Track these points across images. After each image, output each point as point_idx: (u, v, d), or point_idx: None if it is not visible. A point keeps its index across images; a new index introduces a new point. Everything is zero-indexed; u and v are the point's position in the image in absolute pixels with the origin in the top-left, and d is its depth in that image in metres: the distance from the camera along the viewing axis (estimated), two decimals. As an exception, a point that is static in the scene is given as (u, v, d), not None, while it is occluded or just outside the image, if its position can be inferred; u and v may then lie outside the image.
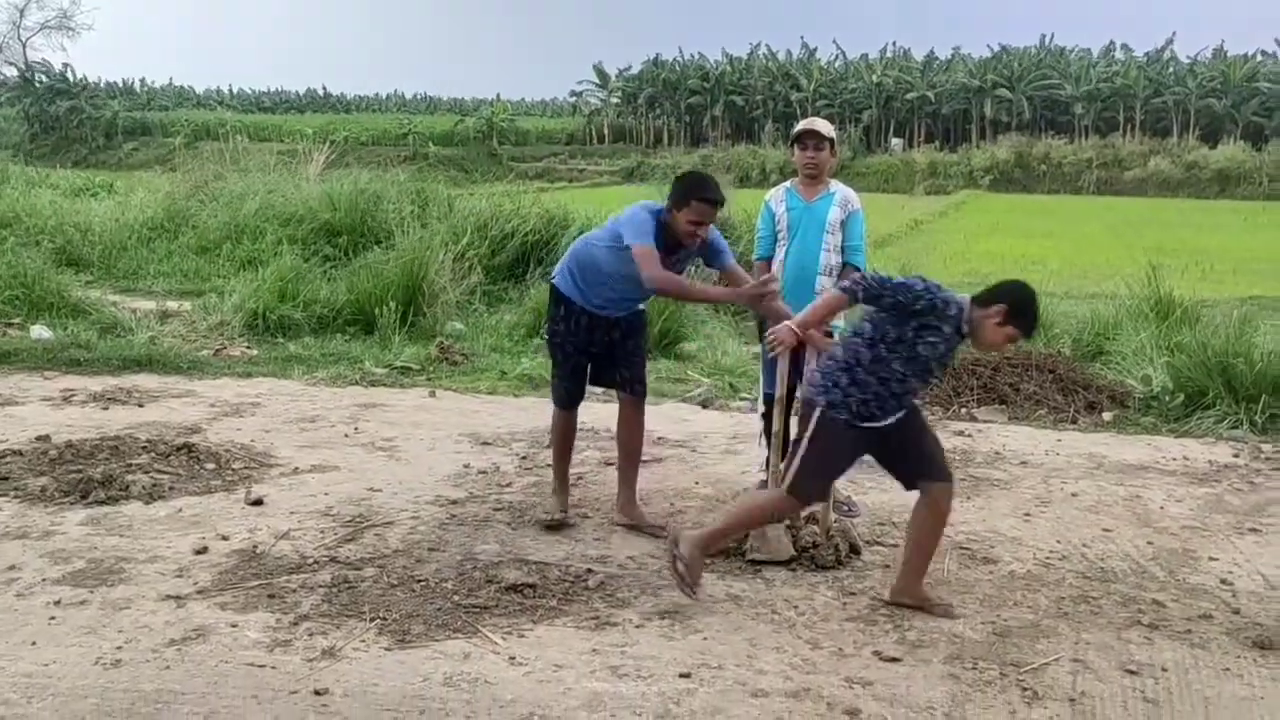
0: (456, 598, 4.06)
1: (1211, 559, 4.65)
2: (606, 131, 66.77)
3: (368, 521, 4.89)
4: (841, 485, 5.27)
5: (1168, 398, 7.07)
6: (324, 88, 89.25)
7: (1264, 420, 6.73)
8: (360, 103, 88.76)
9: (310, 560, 4.42)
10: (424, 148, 53.48)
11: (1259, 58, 59.23)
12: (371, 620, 3.86)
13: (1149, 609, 4.10)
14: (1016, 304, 3.89)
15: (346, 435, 6.37)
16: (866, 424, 3.95)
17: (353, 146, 51.30)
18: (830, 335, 4.92)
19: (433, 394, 7.46)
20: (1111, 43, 64.69)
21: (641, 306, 4.90)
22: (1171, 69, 58.88)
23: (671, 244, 4.60)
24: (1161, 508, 5.31)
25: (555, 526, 4.79)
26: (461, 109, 75.34)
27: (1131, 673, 3.60)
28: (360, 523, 4.87)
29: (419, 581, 4.21)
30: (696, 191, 4.52)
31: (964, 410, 7.19)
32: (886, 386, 3.92)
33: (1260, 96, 55.24)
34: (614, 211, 5.09)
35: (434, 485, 5.43)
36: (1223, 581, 4.40)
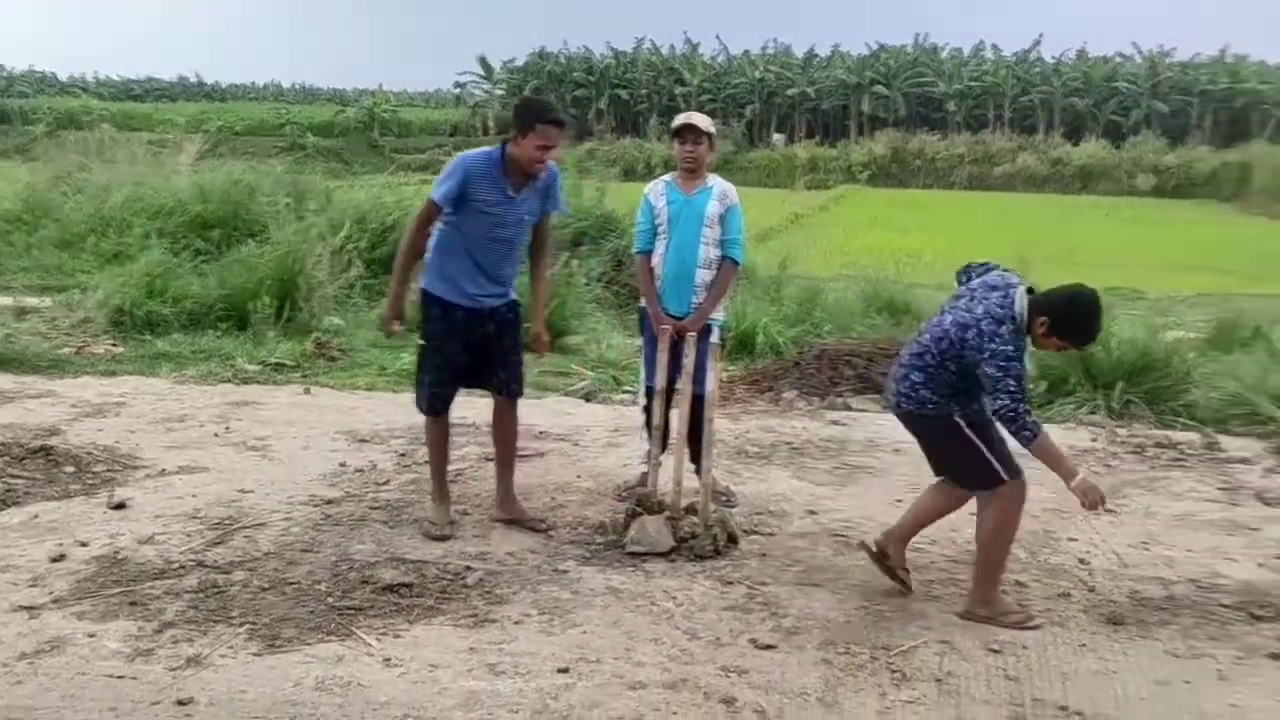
0: (330, 600, 3.98)
1: (1070, 540, 4.86)
2: (491, 123, 66.03)
3: (238, 524, 4.74)
4: (720, 476, 5.35)
5: (1031, 385, 7.34)
6: (197, 76, 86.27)
7: (1120, 406, 7.06)
8: (235, 91, 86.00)
9: (176, 565, 4.27)
10: (302, 138, 52.04)
11: (1118, 59, 62.02)
12: (240, 625, 3.75)
13: (1012, 589, 4.26)
14: (1057, 318, 3.81)
15: (216, 435, 6.17)
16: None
17: (227, 136, 49.55)
18: (709, 330, 4.98)
19: (308, 391, 7.28)
20: (981, 42, 66.88)
21: (514, 296, 4.82)
22: (1038, 69, 61.14)
23: (518, 180, 4.47)
24: (1025, 491, 5.51)
25: (442, 539, 4.63)
26: (342, 99, 73.64)
27: (995, 651, 3.74)
28: (230, 525, 4.72)
29: (291, 584, 4.11)
30: (541, 113, 4.42)
31: (840, 400, 7.35)
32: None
33: (1119, 96, 57.85)
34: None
35: (308, 485, 5.30)
36: (1080, 561, 4.60)
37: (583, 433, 6.46)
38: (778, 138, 58.63)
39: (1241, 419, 6.97)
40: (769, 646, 3.72)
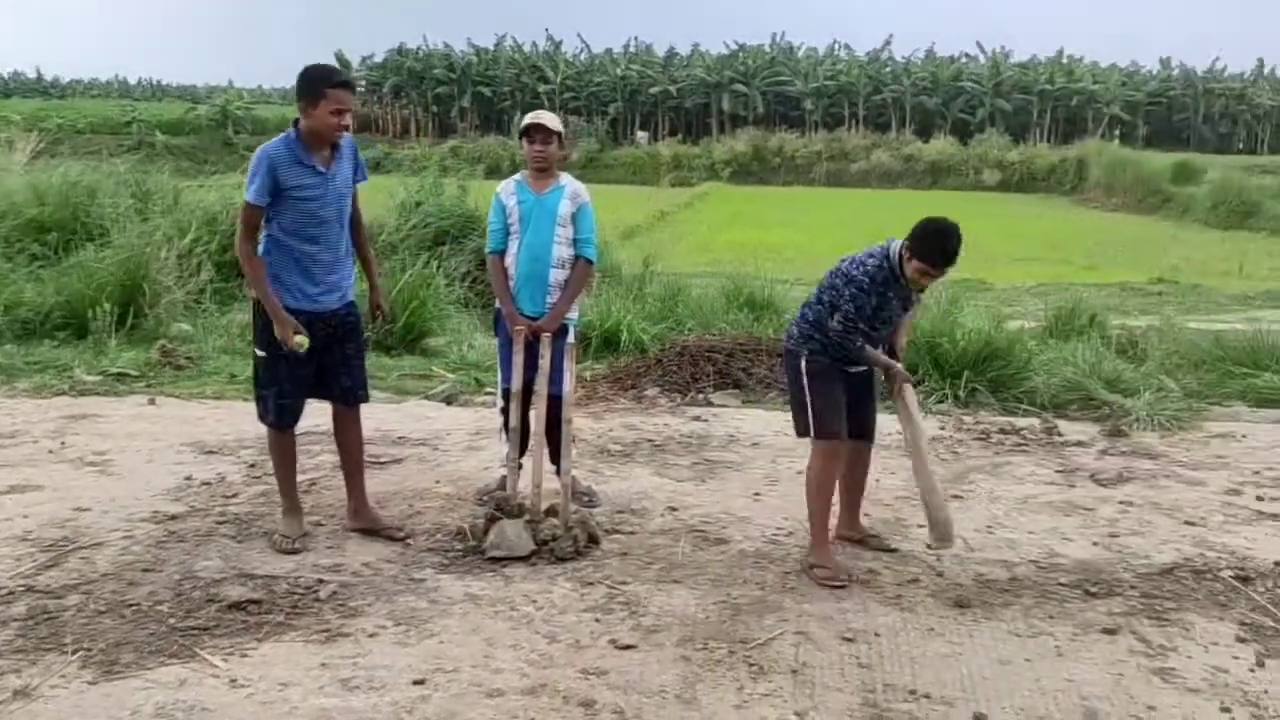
0: (172, 621, 3.81)
1: (920, 526, 5.00)
2: (351, 121, 64.61)
3: (73, 544, 4.50)
4: (582, 475, 5.34)
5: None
6: (37, 71, 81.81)
7: (966, 394, 7.34)
8: (78, 88, 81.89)
9: (4, 591, 4.02)
10: (150, 137, 49.90)
11: (964, 59, 64.54)
12: (74, 653, 3.56)
13: (864, 577, 4.37)
14: (914, 239, 4.17)
15: (51, 451, 5.84)
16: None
17: (68, 135, 47.11)
18: (565, 330, 4.96)
19: (153, 401, 6.97)
20: (836, 42, 68.70)
21: (352, 297, 4.66)
22: (889, 68, 63.13)
23: (324, 155, 4.33)
24: (877, 480, 5.65)
25: (294, 552, 4.48)
26: (193, 96, 70.92)
27: (848, 640, 3.83)
28: (64, 546, 4.47)
29: (130, 606, 3.92)
30: (330, 77, 4.30)
31: (700, 395, 7.43)
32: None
33: (965, 95, 60.21)
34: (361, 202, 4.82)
35: (151, 500, 5.07)
36: (928, 547, 4.74)
37: (443, 437, 6.36)
38: (642, 135, 59.00)
39: (1078, 403, 7.33)
40: (629, 646, 3.72)
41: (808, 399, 4.40)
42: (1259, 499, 5.54)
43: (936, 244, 4.17)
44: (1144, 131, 60.90)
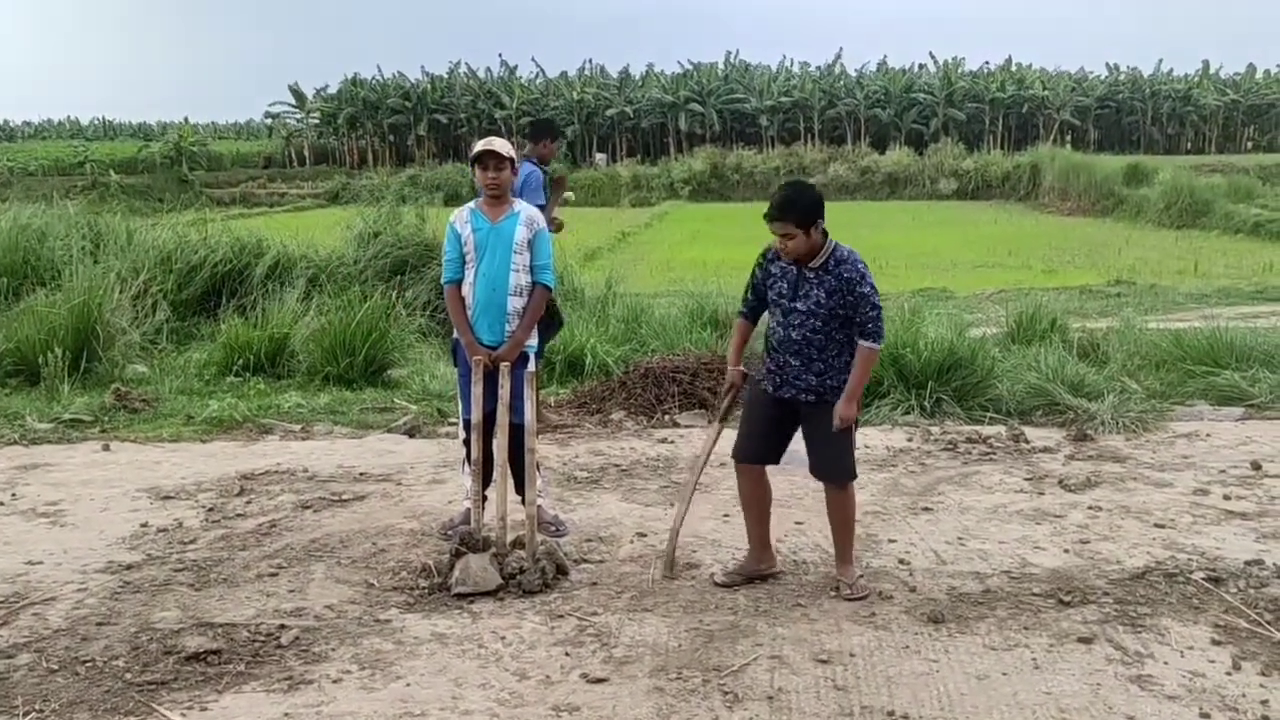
0: (129, 676, 3.68)
1: (890, 540, 4.98)
2: (307, 153, 64.26)
3: (24, 600, 4.35)
4: (549, 504, 5.25)
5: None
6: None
7: (931, 405, 7.33)
8: (28, 130, 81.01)
9: (-49, 654, 3.88)
10: (104, 176, 49.38)
11: (915, 70, 65.27)
12: (25, 715, 3.43)
13: (834, 595, 4.32)
14: None
15: (1, 503, 5.68)
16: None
17: (18, 177, 46.56)
18: (525, 359, 4.88)
19: (107, 447, 6.80)
20: (788, 59, 69.36)
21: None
22: (842, 82, 63.73)
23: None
24: (847, 496, 5.63)
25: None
26: (145, 134, 70.34)
27: (823, 662, 3.77)
28: (15, 603, 4.33)
29: (84, 663, 3.79)
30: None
31: (667, 417, 7.37)
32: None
33: (919, 106, 60.87)
34: (316, 234, 4.77)
35: (105, 550, 4.93)
36: (901, 561, 4.71)
37: (406, 470, 6.25)
38: (600, 157, 59.15)
39: (1043, 409, 7.35)
40: (601, 680, 3.64)
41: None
42: (1226, 498, 5.56)
43: (769, 208, 4.20)
44: (1094, 136, 61.86)
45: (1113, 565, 4.64)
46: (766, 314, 4.47)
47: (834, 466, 4.35)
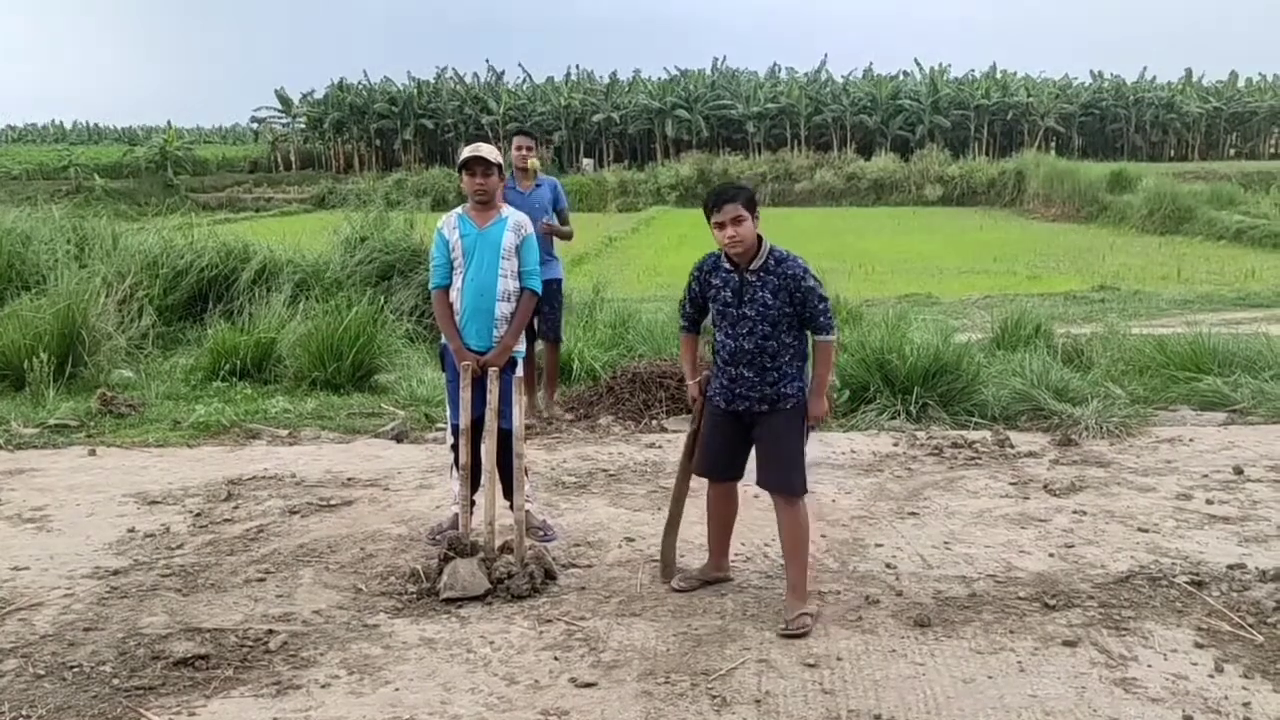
0: (116, 681, 3.67)
1: (877, 545, 5.00)
2: (293, 158, 64.20)
3: (10, 606, 4.34)
4: (537, 509, 5.27)
5: (836, 395, 7.58)
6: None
7: (917, 410, 7.37)
8: (11, 134, 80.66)
9: (-63, 660, 3.86)
10: (89, 180, 49.22)
11: (901, 77, 65.60)
12: (12, 721, 3.42)
13: (823, 600, 4.34)
14: None
15: (-13, 509, 5.66)
16: None
17: (2, 181, 46.32)
18: (513, 364, 4.90)
19: (93, 452, 6.78)
20: (776, 65, 69.61)
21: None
22: (829, 88, 64.00)
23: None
24: (833, 500, 5.67)
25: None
26: (130, 138, 70.06)
27: (811, 666, 3.79)
28: (1, 608, 4.31)
29: (71, 668, 3.77)
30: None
31: (655, 422, 7.39)
32: None
33: (904, 112, 61.19)
34: (302, 239, 4.78)
35: (92, 556, 4.92)
36: (887, 565, 4.74)
37: (394, 476, 6.25)
38: (587, 162, 59.24)
39: (1028, 414, 7.39)
40: (589, 684, 3.65)
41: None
42: (1209, 502, 5.61)
43: (707, 201, 4.22)
44: (1079, 142, 62.28)
45: (1097, 569, 4.68)
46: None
47: (783, 476, 4.21)
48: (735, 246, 4.16)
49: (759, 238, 4.20)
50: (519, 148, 7.49)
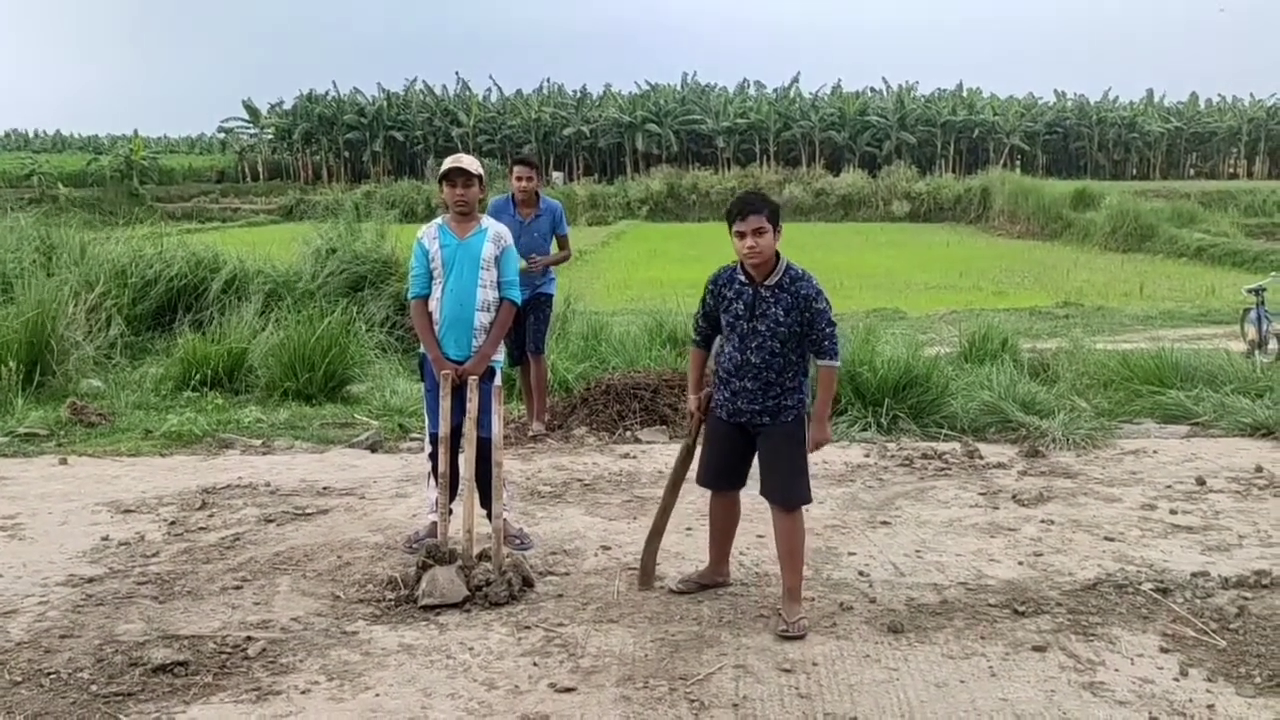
0: (94, 688, 3.66)
1: (850, 553, 5.08)
2: (261, 168, 63.83)
3: (-16, 614, 4.31)
4: (513, 518, 5.30)
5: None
6: (-72, 127, 79.52)
7: (888, 421, 7.47)
8: (-28, 142, 79.71)
9: (-90, 668, 3.84)
10: (53, 189, 48.71)
11: (869, 93, 66.25)
12: (-11, 728, 3.41)
13: (805, 603, 4.40)
14: None
15: (-43, 518, 5.61)
16: None
17: (-38, 189, 45.72)
18: (492, 373, 4.93)
19: (64, 461, 6.74)
20: (746, 80, 70.10)
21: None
22: (798, 105, 64.54)
23: None
24: (806, 510, 5.72)
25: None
26: (95, 147, 69.41)
27: (787, 671, 3.84)
28: (-26, 617, 4.29)
29: (48, 675, 3.76)
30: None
31: (629, 433, 7.44)
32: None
33: (872, 129, 61.83)
34: (272, 249, 4.79)
35: (66, 564, 4.89)
36: (860, 573, 4.81)
37: (369, 485, 6.26)
38: (557, 176, 59.32)
39: (996, 426, 7.51)
40: (568, 689, 3.69)
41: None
42: (1173, 512, 5.73)
43: (732, 208, 4.19)
44: (1043, 160, 63.17)
45: (1065, 577, 4.78)
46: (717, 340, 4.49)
47: (787, 488, 4.28)
48: (753, 258, 4.16)
49: (777, 254, 4.22)
50: (519, 177, 7.33)
